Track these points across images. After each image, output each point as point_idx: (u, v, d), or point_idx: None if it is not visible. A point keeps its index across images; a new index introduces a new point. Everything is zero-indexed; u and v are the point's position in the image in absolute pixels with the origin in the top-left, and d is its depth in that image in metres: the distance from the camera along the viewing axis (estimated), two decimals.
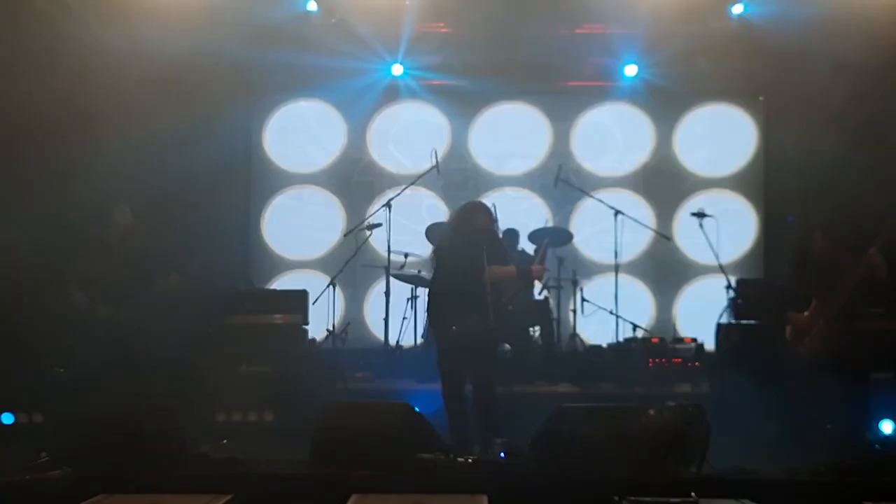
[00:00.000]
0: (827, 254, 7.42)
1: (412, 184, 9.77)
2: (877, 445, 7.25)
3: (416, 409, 6.23)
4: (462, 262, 7.12)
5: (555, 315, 9.64)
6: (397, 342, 9.67)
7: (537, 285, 9.16)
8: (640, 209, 10.51)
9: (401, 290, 9.81)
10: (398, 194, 9.67)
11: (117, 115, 9.43)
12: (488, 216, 7.23)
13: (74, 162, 9.12)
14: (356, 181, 11.08)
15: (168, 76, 9.46)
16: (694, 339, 9.09)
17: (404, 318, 9.77)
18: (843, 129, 9.60)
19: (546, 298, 9.59)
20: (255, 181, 11.04)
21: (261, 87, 10.95)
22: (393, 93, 10.96)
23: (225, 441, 7.33)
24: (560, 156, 10.76)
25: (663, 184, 11.00)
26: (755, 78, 10.56)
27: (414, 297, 9.77)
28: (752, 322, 8.53)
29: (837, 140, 9.62)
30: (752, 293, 8.73)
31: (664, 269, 10.78)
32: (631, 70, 10.56)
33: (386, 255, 9.53)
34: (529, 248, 9.67)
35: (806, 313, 7.43)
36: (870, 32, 9.00)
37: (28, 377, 7.83)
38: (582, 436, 5.83)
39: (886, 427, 7.54)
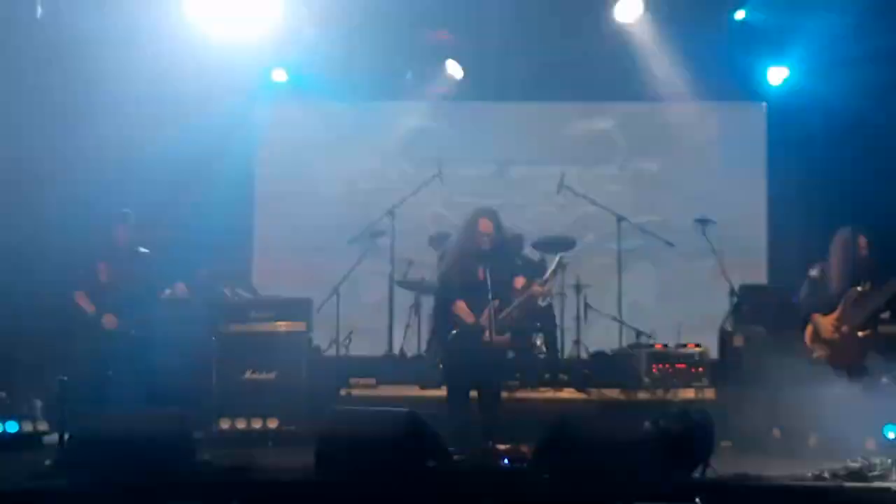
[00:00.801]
0: (867, 260, 7.46)
1: (416, 192, 9.79)
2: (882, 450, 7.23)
3: (421, 416, 6.23)
4: (467, 269, 7.13)
5: (558, 321, 9.63)
6: (401, 349, 9.68)
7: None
8: (643, 215, 10.49)
9: (404, 297, 9.81)
10: (402, 202, 9.68)
11: (118, 121, 9.47)
12: (494, 222, 7.22)
13: (77, 170, 9.16)
14: (360, 188, 11.07)
15: (169, 81, 9.49)
16: (697, 345, 9.09)
17: (408, 326, 9.77)
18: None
19: (549, 305, 9.59)
20: (259, 187, 11.03)
21: (263, 90, 10.95)
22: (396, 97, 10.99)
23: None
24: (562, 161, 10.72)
25: (666, 189, 10.99)
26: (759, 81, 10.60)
27: (417, 305, 9.77)
28: (756, 327, 8.54)
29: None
30: (755, 299, 8.75)
31: (667, 275, 10.77)
32: None
33: (390, 262, 9.55)
34: (533, 255, 9.68)
35: (831, 317, 7.46)
36: None
37: (32, 385, 7.86)
38: (586, 442, 5.83)
39: (891, 432, 7.52)
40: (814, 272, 7.73)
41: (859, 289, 7.41)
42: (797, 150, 10.51)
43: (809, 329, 7.57)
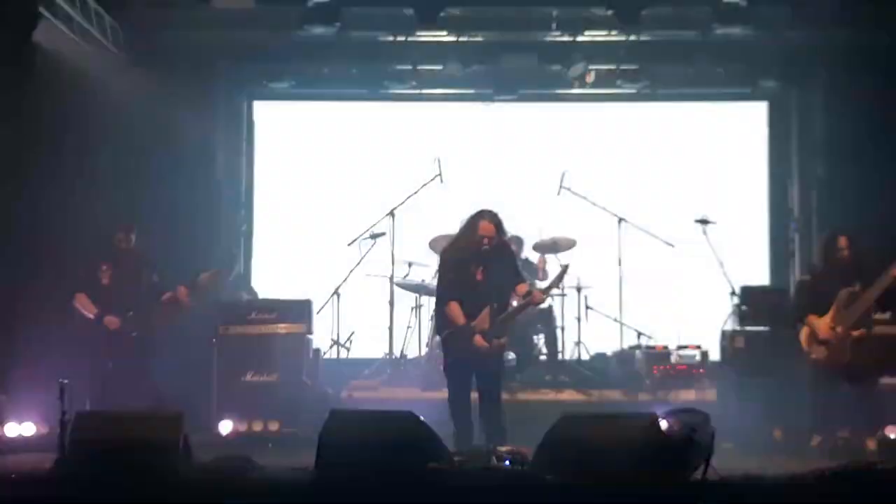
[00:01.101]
0: (852, 260, 7.47)
1: (416, 192, 9.79)
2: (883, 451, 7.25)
3: (421, 417, 6.23)
4: (466, 270, 7.13)
5: (559, 322, 9.63)
6: (402, 351, 9.68)
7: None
8: (643, 215, 10.48)
9: (405, 298, 9.81)
10: (402, 203, 9.68)
11: (117, 124, 9.46)
12: (495, 223, 7.21)
13: (75, 173, 9.16)
14: (360, 188, 11.06)
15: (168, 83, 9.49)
16: (698, 346, 9.10)
17: (409, 327, 9.77)
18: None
19: (550, 306, 9.59)
20: (258, 188, 11.02)
21: (261, 92, 10.95)
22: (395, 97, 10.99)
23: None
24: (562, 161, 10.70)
25: (666, 189, 10.98)
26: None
27: (418, 306, 9.77)
28: (757, 328, 8.55)
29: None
30: (756, 300, 8.75)
31: (667, 276, 10.76)
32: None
33: (390, 264, 9.55)
34: (533, 257, 9.69)
35: (826, 318, 7.47)
36: None
37: (32, 387, 7.87)
38: (587, 443, 5.83)
39: (893, 433, 7.53)
40: (805, 275, 7.77)
41: (849, 289, 7.42)
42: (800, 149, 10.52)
43: (805, 331, 7.59)
